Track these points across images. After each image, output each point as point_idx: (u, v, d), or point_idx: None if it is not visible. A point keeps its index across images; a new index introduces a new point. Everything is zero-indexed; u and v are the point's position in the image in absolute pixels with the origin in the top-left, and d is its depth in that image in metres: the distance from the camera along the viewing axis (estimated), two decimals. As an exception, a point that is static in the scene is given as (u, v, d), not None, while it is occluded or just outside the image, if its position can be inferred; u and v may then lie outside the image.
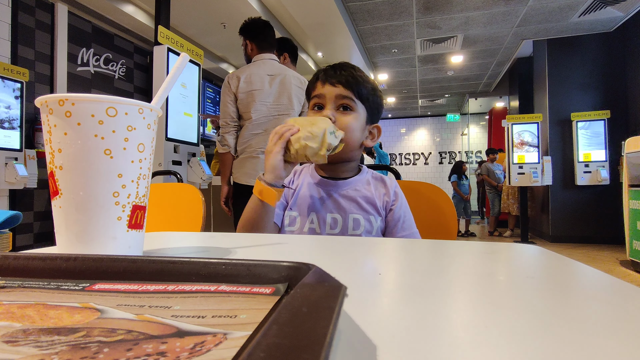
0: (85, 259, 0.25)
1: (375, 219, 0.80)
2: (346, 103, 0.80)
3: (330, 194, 0.82)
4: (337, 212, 0.80)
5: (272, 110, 1.99)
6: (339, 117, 0.79)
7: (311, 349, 0.11)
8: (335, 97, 0.80)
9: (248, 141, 1.98)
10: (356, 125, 0.81)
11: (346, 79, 0.80)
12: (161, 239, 0.59)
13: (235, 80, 1.98)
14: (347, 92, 0.80)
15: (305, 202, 0.82)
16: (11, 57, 3.31)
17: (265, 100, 1.98)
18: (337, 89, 0.80)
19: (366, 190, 0.82)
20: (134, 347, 0.14)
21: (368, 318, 0.23)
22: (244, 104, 1.98)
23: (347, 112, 0.80)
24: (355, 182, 0.83)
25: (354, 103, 0.80)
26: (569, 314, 0.24)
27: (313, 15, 4.46)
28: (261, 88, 1.97)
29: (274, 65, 2.06)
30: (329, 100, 0.80)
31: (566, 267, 0.39)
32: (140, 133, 0.38)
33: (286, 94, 2.01)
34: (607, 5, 4.56)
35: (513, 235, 6.17)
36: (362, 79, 0.82)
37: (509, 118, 5.67)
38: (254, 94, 1.96)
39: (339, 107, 0.80)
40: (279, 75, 2.02)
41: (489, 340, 0.20)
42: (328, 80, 0.81)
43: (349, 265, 0.41)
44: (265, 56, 2.07)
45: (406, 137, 11.50)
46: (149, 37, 4.66)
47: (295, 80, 2.07)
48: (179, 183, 2.21)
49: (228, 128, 2.01)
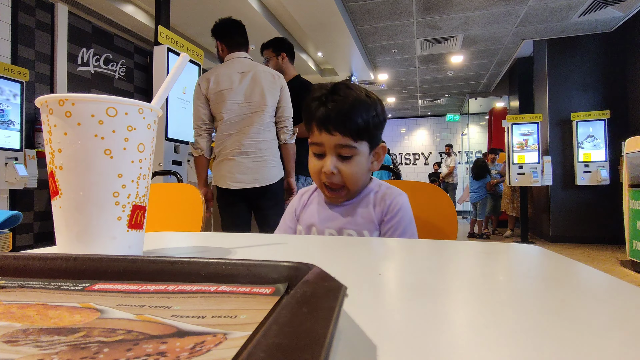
0: (85, 259, 0.25)
1: (369, 234, 0.82)
2: (346, 152, 0.79)
3: (330, 210, 0.85)
4: (333, 228, 0.83)
5: (244, 109, 1.95)
6: (342, 167, 0.79)
7: (311, 349, 0.11)
8: (334, 146, 0.78)
9: (223, 142, 1.96)
10: (359, 168, 0.80)
11: (343, 124, 0.76)
12: (161, 239, 0.59)
13: (205, 82, 1.96)
14: (346, 140, 0.77)
15: (309, 217, 0.87)
16: (11, 57, 3.31)
17: (236, 99, 1.94)
18: (335, 137, 0.77)
19: (365, 207, 0.83)
20: (134, 347, 0.14)
21: (368, 318, 0.23)
22: (214, 105, 1.95)
23: (347, 160, 0.79)
24: (359, 201, 0.85)
25: (354, 147, 0.79)
26: (569, 314, 0.24)
27: (313, 15, 4.46)
28: (230, 87, 1.94)
29: (244, 62, 2.01)
30: (328, 149, 0.79)
31: (566, 267, 0.39)
32: (140, 133, 0.38)
33: (258, 90, 1.97)
34: (607, 5, 4.56)
35: (513, 236, 6.17)
36: (359, 109, 0.77)
37: (509, 118, 5.67)
38: (224, 94, 1.93)
39: (338, 154, 0.79)
40: (249, 72, 1.98)
41: (489, 340, 0.20)
42: (325, 127, 0.78)
43: (349, 265, 0.41)
44: (236, 55, 2.03)
45: (406, 137, 11.50)
46: (149, 37, 4.66)
47: (267, 75, 2.01)
48: (179, 183, 2.21)
49: (200, 131, 1.99)
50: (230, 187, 1.94)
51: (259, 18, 4.31)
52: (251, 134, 1.94)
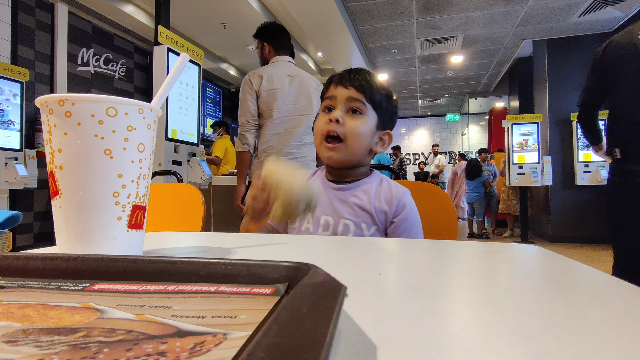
0: (85, 259, 0.25)
1: (367, 227, 0.79)
2: (356, 106, 0.80)
3: (328, 196, 0.82)
4: (330, 215, 0.80)
5: (292, 110, 2.00)
6: (348, 120, 0.79)
7: (311, 349, 0.11)
8: (346, 99, 0.80)
9: (269, 141, 1.97)
10: (364, 130, 0.80)
11: (359, 83, 0.80)
12: (161, 239, 0.59)
13: (258, 78, 1.97)
14: (358, 95, 0.79)
15: None
16: (11, 57, 3.31)
17: (286, 100, 1.99)
18: (349, 91, 0.80)
19: (364, 198, 0.81)
20: (134, 347, 0.14)
21: (368, 318, 0.23)
22: (265, 103, 1.97)
23: (356, 115, 0.80)
24: (357, 188, 0.82)
25: (365, 107, 0.80)
26: (568, 314, 0.24)
27: (313, 16, 4.46)
28: (282, 87, 1.98)
29: (292, 67, 2.08)
30: (339, 102, 0.80)
31: (566, 267, 0.39)
32: (140, 133, 0.38)
33: (305, 95, 2.03)
34: (607, 5, 4.56)
35: (512, 236, 6.17)
36: (377, 84, 0.81)
37: (509, 118, 5.66)
38: (276, 93, 1.97)
39: (349, 109, 0.80)
40: (297, 77, 2.04)
41: (488, 340, 0.20)
42: (341, 82, 0.81)
43: (349, 265, 0.41)
44: (283, 58, 2.08)
45: (406, 137, 11.50)
46: (149, 37, 4.66)
47: (313, 82, 2.10)
48: (179, 183, 2.20)
49: (248, 126, 1.99)
50: None
51: (259, 18, 4.31)
52: (298, 136, 1.98)
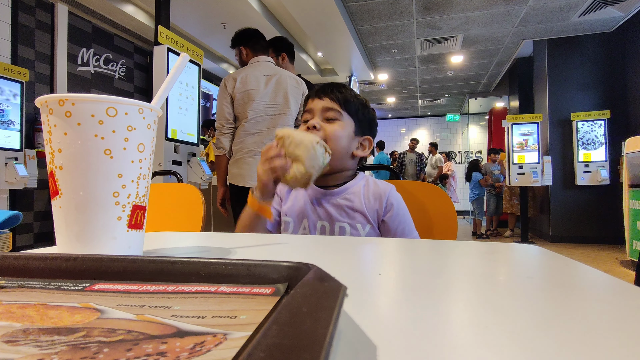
0: (85, 259, 0.25)
1: (362, 227, 0.82)
2: (331, 115, 0.85)
3: (320, 202, 0.85)
4: (326, 220, 0.84)
5: (268, 110, 2.00)
6: (324, 125, 0.84)
7: (311, 349, 0.11)
8: (321, 109, 0.85)
9: (242, 141, 1.98)
10: (342, 134, 0.84)
11: (334, 94, 0.86)
12: (161, 239, 0.59)
13: (232, 81, 1.99)
14: (332, 104, 0.85)
15: (298, 209, 0.86)
16: (11, 57, 3.30)
17: (262, 100, 1.99)
18: (323, 101, 0.85)
19: (355, 199, 0.84)
20: (134, 347, 0.14)
21: (368, 318, 0.23)
22: (240, 104, 1.99)
23: (332, 121, 0.85)
24: (346, 191, 0.85)
25: (340, 114, 0.85)
26: (569, 314, 0.24)
27: (313, 15, 4.46)
28: (257, 87, 1.98)
29: (269, 66, 2.08)
30: (316, 112, 0.86)
31: (566, 267, 0.39)
32: (140, 133, 0.38)
33: (282, 94, 2.02)
34: (607, 5, 4.56)
35: (513, 236, 6.17)
36: (351, 94, 0.87)
37: (509, 118, 5.66)
38: (251, 93, 1.97)
39: (325, 119, 0.85)
40: (274, 76, 2.04)
41: (488, 340, 0.20)
42: (317, 95, 0.87)
43: (349, 265, 0.41)
44: (261, 58, 2.09)
45: (406, 137, 11.48)
46: (149, 37, 4.66)
47: (291, 80, 2.08)
48: (179, 183, 2.20)
49: (223, 130, 2.02)
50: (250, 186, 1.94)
51: (259, 18, 4.31)
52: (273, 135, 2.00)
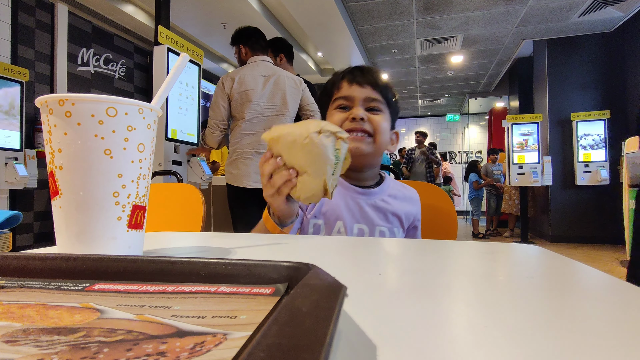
0: (85, 259, 0.25)
1: (398, 232, 0.79)
2: (375, 105, 0.78)
3: (358, 203, 0.78)
4: (364, 223, 0.76)
5: (265, 111, 1.99)
6: (371, 117, 0.77)
7: (311, 349, 0.11)
8: (364, 99, 0.77)
9: (239, 141, 1.97)
10: (386, 127, 0.79)
11: (375, 81, 0.78)
12: (161, 239, 0.59)
13: (230, 81, 1.98)
14: (375, 94, 0.78)
15: (332, 210, 0.77)
16: (11, 57, 3.30)
17: (259, 100, 1.98)
18: (365, 90, 0.78)
19: (393, 202, 0.80)
20: (134, 347, 0.14)
21: (368, 318, 0.23)
22: (237, 104, 1.97)
23: (376, 113, 0.78)
24: (382, 192, 0.81)
25: (383, 105, 0.79)
26: (569, 314, 0.24)
27: (313, 15, 4.46)
28: (254, 88, 1.97)
29: (267, 66, 2.07)
30: (357, 101, 0.78)
31: (566, 267, 0.39)
32: (140, 133, 0.38)
33: (280, 94, 2.01)
34: (607, 5, 4.56)
35: (513, 236, 6.17)
36: (387, 83, 0.81)
37: (509, 118, 5.67)
38: (249, 94, 1.96)
39: (367, 109, 0.78)
40: (273, 76, 2.02)
41: (488, 340, 0.20)
42: (355, 80, 0.78)
43: (349, 265, 0.41)
44: (259, 58, 2.07)
45: (406, 137, 11.49)
46: (149, 37, 4.66)
47: (290, 81, 2.07)
48: (179, 183, 2.20)
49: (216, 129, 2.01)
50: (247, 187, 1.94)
51: (259, 18, 4.31)
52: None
